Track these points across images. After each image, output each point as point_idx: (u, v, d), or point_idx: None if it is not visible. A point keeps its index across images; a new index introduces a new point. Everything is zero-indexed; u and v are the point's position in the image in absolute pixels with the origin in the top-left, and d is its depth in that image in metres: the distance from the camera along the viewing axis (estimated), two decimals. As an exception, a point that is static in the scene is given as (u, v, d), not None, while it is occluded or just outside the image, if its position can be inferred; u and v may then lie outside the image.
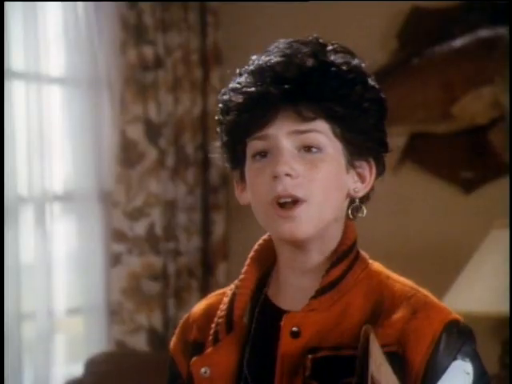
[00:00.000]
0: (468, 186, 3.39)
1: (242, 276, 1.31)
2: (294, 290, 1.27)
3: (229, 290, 1.32)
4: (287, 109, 1.22)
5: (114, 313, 3.35)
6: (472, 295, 2.90)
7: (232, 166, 1.30)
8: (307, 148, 1.23)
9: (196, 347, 1.30)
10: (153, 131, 3.40)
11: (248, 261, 1.31)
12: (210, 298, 1.35)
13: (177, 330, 1.36)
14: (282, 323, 1.22)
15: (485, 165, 3.36)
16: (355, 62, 1.28)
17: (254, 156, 1.25)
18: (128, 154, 3.38)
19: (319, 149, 1.23)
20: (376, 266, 1.31)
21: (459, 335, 1.22)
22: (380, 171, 1.30)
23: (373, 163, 1.28)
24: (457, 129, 3.39)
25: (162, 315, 3.41)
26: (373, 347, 1.11)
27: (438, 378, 1.19)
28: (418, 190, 3.42)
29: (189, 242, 3.49)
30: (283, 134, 1.22)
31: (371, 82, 1.28)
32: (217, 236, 3.54)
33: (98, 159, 3.33)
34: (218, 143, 1.30)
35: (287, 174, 1.21)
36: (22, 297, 2.99)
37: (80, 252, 3.29)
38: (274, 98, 1.22)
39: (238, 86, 1.25)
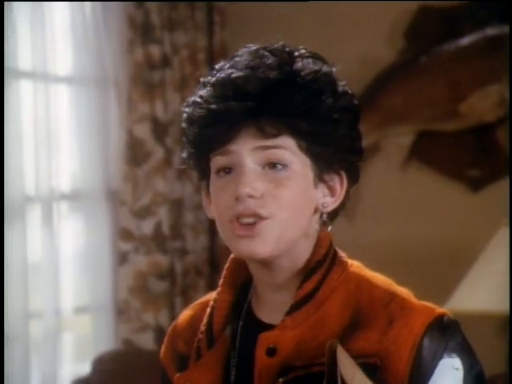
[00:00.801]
0: (475, 185, 3.39)
1: (219, 289, 1.28)
2: (273, 304, 1.24)
3: (212, 298, 1.29)
4: (250, 125, 1.18)
5: (121, 311, 3.35)
6: (480, 294, 2.89)
7: (199, 176, 1.26)
8: (272, 165, 1.18)
9: (182, 360, 1.28)
10: (160, 130, 3.41)
11: (224, 271, 1.29)
12: (194, 308, 1.32)
13: (165, 339, 1.33)
14: (258, 342, 1.20)
15: (492, 163, 3.36)
16: (324, 68, 1.21)
17: (217, 172, 1.21)
18: (135, 153, 3.39)
19: (284, 165, 1.18)
20: (355, 267, 1.26)
21: (443, 333, 1.18)
22: (353, 181, 1.25)
23: (344, 175, 1.23)
24: (464, 127, 3.38)
25: (169, 314, 3.41)
26: (342, 360, 1.08)
27: (426, 381, 1.16)
28: (425, 189, 3.42)
29: (196, 240, 3.49)
30: (246, 151, 1.18)
31: (342, 88, 1.22)
32: (224, 235, 3.53)
33: (105, 158, 3.34)
34: (184, 154, 1.26)
35: (250, 196, 1.17)
36: (29, 296, 2.99)
37: (87, 251, 3.30)
38: (236, 115, 1.17)
39: (199, 99, 1.20)
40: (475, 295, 2.89)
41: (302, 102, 1.17)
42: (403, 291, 1.23)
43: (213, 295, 1.30)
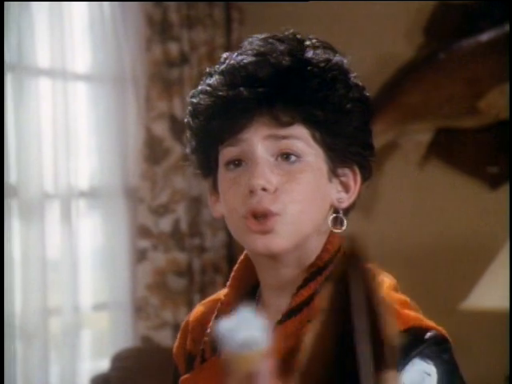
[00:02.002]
0: (494, 182, 3.37)
1: (224, 297, 1.23)
2: (273, 312, 1.18)
3: (220, 300, 1.24)
4: (262, 113, 1.12)
5: (139, 308, 3.36)
6: (498, 291, 2.88)
7: (203, 173, 1.20)
8: (285, 156, 1.13)
9: (190, 359, 1.25)
10: (178, 128, 3.41)
11: (232, 273, 1.25)
12: (206, 305, 1.28)
13: (178, 336, 1.30)
14: None
15: (511, 160, 3.34)
16: (336, 58, 1.17)
17: (227, 164, 1.15)
18: (153, 151, 3.39)
19: (298, 157, 1.13)
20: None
21: (416, 341, 1.09)
22: (365, 178, 1.19)
23: (357, 171, 1.17)
24: (483, 124, 3.36)
25: (188, 311, 3.41)
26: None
27: None
28: (443, 186, 3.41)
29: (214, 237, 3.49)
30: (259, 139, 1.13)
31: (354, 79, 1.18)
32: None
33: (123, 156, 3.35)
34: (187, 149, 1.20)
35: (263, 189, 1.12)
36: (48, 292, 3.01)
37: (106, 248, 3.31)
38: (248, 102, 1.12)
39: (208, 88, 1.15)
40: (494, 293, 2.88)
41: (316, 90, 1.13)
42: (394, 297, 1.15)
43: (222, 293, 1.26)
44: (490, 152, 3.37)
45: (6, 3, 2.90)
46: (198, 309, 1.29)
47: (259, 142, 1.13)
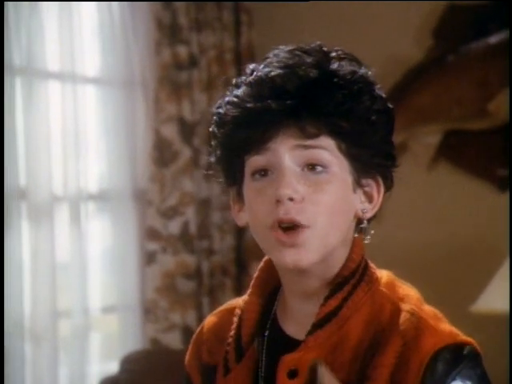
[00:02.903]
0: (503, 184, 3.36)
1: (247, 298, 1.24)
2: (299, 316, 1.20)
3: (238, 306, 1.25)
4: (289, 124, 1.14)
5: (148, 311, 3.36)
6: (508, 294, 2.87)
7: (228, 183, 1.22)
8: (311, 166, 1.15)
9: (208, 370, 1.25)
10: (187, 130, 3.41)
11: (253, 281, 1.25)
12: (219, 315, 1.29)
13: (190, 347, 1.30)
14: (280, 364, 1.15)
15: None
16: (361, 70, 1.18)
17: (253, 174, 1.17)
18: (162, 153, 3.40)
19: (324, 167, 1.15)
20: (385, 281, 1.21)
21: (457, 359, 1.12)
22: (388, 188, 1.21)
23: (380, 181, 1.20)
24: (492, 126, 3.36)
25: (196, 314, 3.41)
26: (322, 379, 1.06)
27: None
28: (453, 188, 3.40)
29: (223, 240, 3.49)
30: (286, 149, 1.14)
31: (378, 91, 1.19)
32: (250, 234, 3.53)
33: (132, 158, 3.35)
34: (212, 158, 1.22)
35: (290, 199, 1.13)
36: (57, 295, 3.01)
37: (115, 251, 3.31)
38: (275, 114, 1.13)
39: (235, 99, 1.16)
40: (504, 295, 2.87)
41: (342, 102, 1.15)
42: (427, 311, 1.17)
43: (239, 302, 1.27)
44: (499, 154, 3.36)
45: (16, 6, 2.90)
46: (210, 319, 1.30)
47: (286, 152, 1.15)
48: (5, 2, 2.87)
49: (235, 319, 1.24)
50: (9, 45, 2.90)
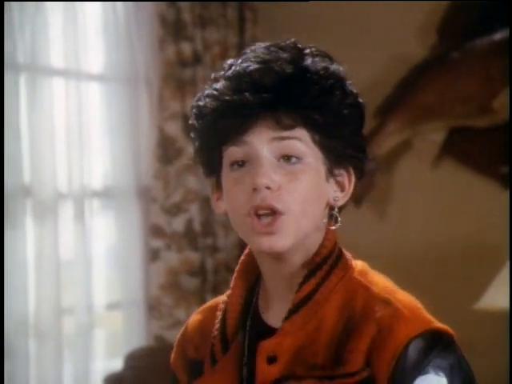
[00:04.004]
0: (507, 181, 3.36)
1: (230, 291, 1.29)
2: (279, 304, 1.24)
3: (221, 302, 1.30)
4: (266, 117, 1.20)
5: (152, 308, 3.37)
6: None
7: (207, 173, 1.27)
8: (287, 157, 1.20)
9: (195, 366, 1.29)
10: (191, 127, 3.41)
11: (235, 274, 1.30)
12: (203, 313, 1.33)
13: (175, 346, 1.34)
14: (258, 351, 1.20)
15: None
16: (333, 66, 1.24)
17: (231, 165, 1.22)
18: (166, 150, 3.40)
19: (299, 158, 1.20)
20: (358, 272, 1.24)
21: (431, 347, 1.15)
22: (359, 178, 1.26)
23: (352, 171, 1.25)
24: (496, 123, 3.35)
25: (201, 311, 3.42)
26: None
27: None
28: (457, 186, 3.40)
29: (226, 237, 3.50)
30: (263, 141, 1.20)
31: (350, 87, 1.25)
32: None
33: (136, 155, 3.35)
34: (193, 148, 1.27)
35: (267, 187, 1.18)
36: (61, 292, 3.02)
37: (119, 248, 3.32)
38: (253, 106, 1.19)
39: (214, 92, 1.22)
40: (507, 293, 2.87)
41: (316, 96, 1.20)
42: (402, 300, 1.20)
43: (221, 299, 1.31)
44: (503, 151, 3.36)
45: (21, 4, 2.91)
46: (194, 318, 1.35)
47: (263, 144, 1.20)
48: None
49: (219, 313, 1.28)
50: (13, 42, 2.90)
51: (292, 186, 1.20)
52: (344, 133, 1.22)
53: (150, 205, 3.39)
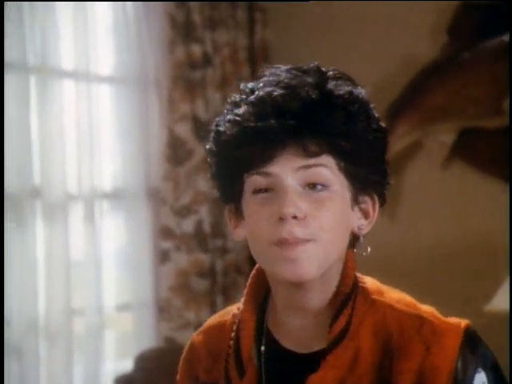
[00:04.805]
0: (518, 183, 3.35)
1: (242, 307, 1.26)
2: (296, 331, 1.22)
3: (228, 320, 1.27)
4: (291, 144, 1.16)
5: (162, 309, 3.37)
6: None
7: (225, 200, 1.24)
8: (312, 185, 1.17)
9: None
10: (201, 129, 3.42)
11: (247, 289, 1.27)
12: (207, 333, 1.30)
13: (182, 366, 1.31)
14: None
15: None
16: (357, 90, 1.21)
17: (254, 192, 1.18)
18: (176, 152, 3.40)
19: (325, 186, 1.18)
20: (374, 289, 1.23)
21: (472, 352, 1.19)
22: (382, 204, 1.25)
23: (376, 198, 1.23)
24: (507, 124, 3.34)
25: (210, 312, 3.42)
26: None
27: None
28: (467, 187, 3.39)
29: (236, 239, 3.49)
30: (288, 172, 1.16)
31: (373, 111, 1.22)
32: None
33: (146, 157, 3.36)
34: (211, 173, 1.24)
35: (294, 217, 1.15)
36: (71, 293, 3.02)
37: (128, 249, 3.32)
38: (278, 133, 1.15)
39: (237, 118, 1.18)
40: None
41: (342, 122, 1.17)
42: (428, 312, 1.21)
43: (225, 317, 1.28)
44: (514, 153, 3.35)
45: (31, 5, 2.91)
46: (199, 339, 1.30)
47: (288, 173, 1.17)
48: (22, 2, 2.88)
49: (232, 333, 1.25)
50: (23, 43, 2.91)
51: (319, 213, 1.17)
52: (369, 159, 1.20)
53: (160, 206, 3.39)
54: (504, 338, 3.19)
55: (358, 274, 1.24)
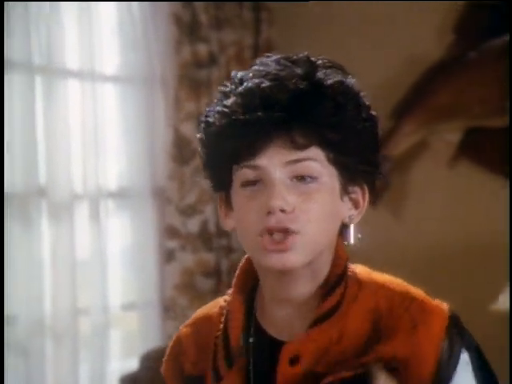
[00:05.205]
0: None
1: (230, 298, 1.26)
2: (286, 320, 1.22)
3: (215, 312, 1.27)
4: (280, 136, 1.15)
5: (167, 308, 3.37)
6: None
7: (215, 188, 1.24)
8: (301, 177, 1.17)
9: (191, 381, 1.26)
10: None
11: (235, 280, 1.27)
12: (194, 326, 1.29)
13: (166, 361, 1.31)
14: (281, 355, 1.18)
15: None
16: (347, 80, 1.20)
17: (242, 185, 1.18)
18: (181, 151, 3.40)
19: (314, 178, 1.17)
20: (364, 273, 1.24)
21: (456, 333, 1.20)
22: (372, 194, 1.24)
23: (366, 188, 1.22)
24: (508, 124, 3.34)
25: (216, 311, 3.42)
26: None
27: (449, 381, 1.18)
28: (473, 186, 3.39)
29: (242, 238, 3.49)
30: (276, 165, 1.16)
31: (363, 100, 1.21)
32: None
33: (151, 156, 3.36)
34: (202, 163, 1.24)
35: (282, 210, 1.15)
36: (77, 292, 3.03)
37: (134, 248, 3.32)
38: (266, 125, 1.14)
39: (225, 109, 1.18)
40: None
41: (331, 113, 1.16)
42: (419, 292, 1.23)
43: (212, 309, 1.28)
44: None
45: (37, 5, 2.92)
46: (185, 331, 1.29)
47: (276, 167, 1.16)
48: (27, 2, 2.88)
49: (220, 325, 1.24)
50: (29, 43, 2.91)
51: (307, 206, 1.16)
52: (358, 149, 1.19)
53: (165, 205, 3.39)
54: (507, 336, 3.19)
55: (349, 264, 1.24)
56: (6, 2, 2.82)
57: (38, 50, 2.95)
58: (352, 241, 1.23)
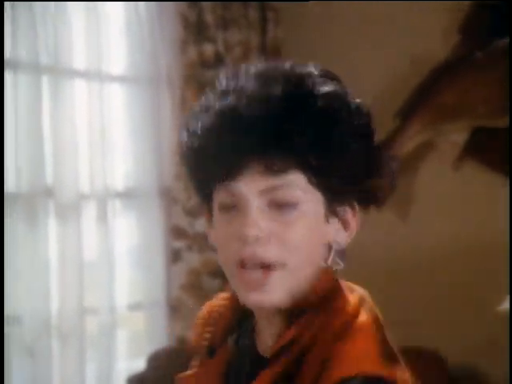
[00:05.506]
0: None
1: (225, 295, 1.24)
2: (266, 334, 1.15)
3: (218, 304, 1.24)
4: (256, 160, 1.06)
5: (174, 309, 3.37)
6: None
7: (200, 200, 1.16)
8: (279, 205, 1.08)
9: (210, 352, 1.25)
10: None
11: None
12: (215, 303, 1.26)
13: (198, 328, 1.27)
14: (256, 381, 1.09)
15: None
16: (339, 93, 1.09)
17: (220, 208, 1.11)
18: (188, 151, 3.40)
19: (293, 205, 1.07)
20: (351, 309, 1.10)
21: None
22: (365, 207, 1.15)
23: (356, 206, 1.12)
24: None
25: (222, 311, 3.42)
26: None
27: None
28: (479, 187, 3.38)
29: (248, 238, 3.50)
30: (252, 192, 1.07)
31: (357, 114, 1.10)
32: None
33: (158, 156, 3.36)
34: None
35: (256, 237, 1.07)
36: (84, 292, 3.03)
37: (141, 248, 3.33)
38: (242, 149, 1.06)
39: (198, 132, 1.10)
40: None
41: (313, 135, 1.06)
42: (360, 326, 1.08)
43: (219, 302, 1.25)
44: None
45: (43, 5, 2.92)
46: (206, 310, 1.27)
47: (253, 195, 1.08)
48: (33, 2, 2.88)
49: (215, 315, 1.23)
50: (35, 43, 2.92)
51: (284, 234, 1.07)
52: (346, 170, 1.08)
53: (172, 206, 3.40)
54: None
55: (351, 286, 1.14)
56: (11, 2, 2.83)
57: (45, 50, 2.95)
58: (342, 264, 1.12)
